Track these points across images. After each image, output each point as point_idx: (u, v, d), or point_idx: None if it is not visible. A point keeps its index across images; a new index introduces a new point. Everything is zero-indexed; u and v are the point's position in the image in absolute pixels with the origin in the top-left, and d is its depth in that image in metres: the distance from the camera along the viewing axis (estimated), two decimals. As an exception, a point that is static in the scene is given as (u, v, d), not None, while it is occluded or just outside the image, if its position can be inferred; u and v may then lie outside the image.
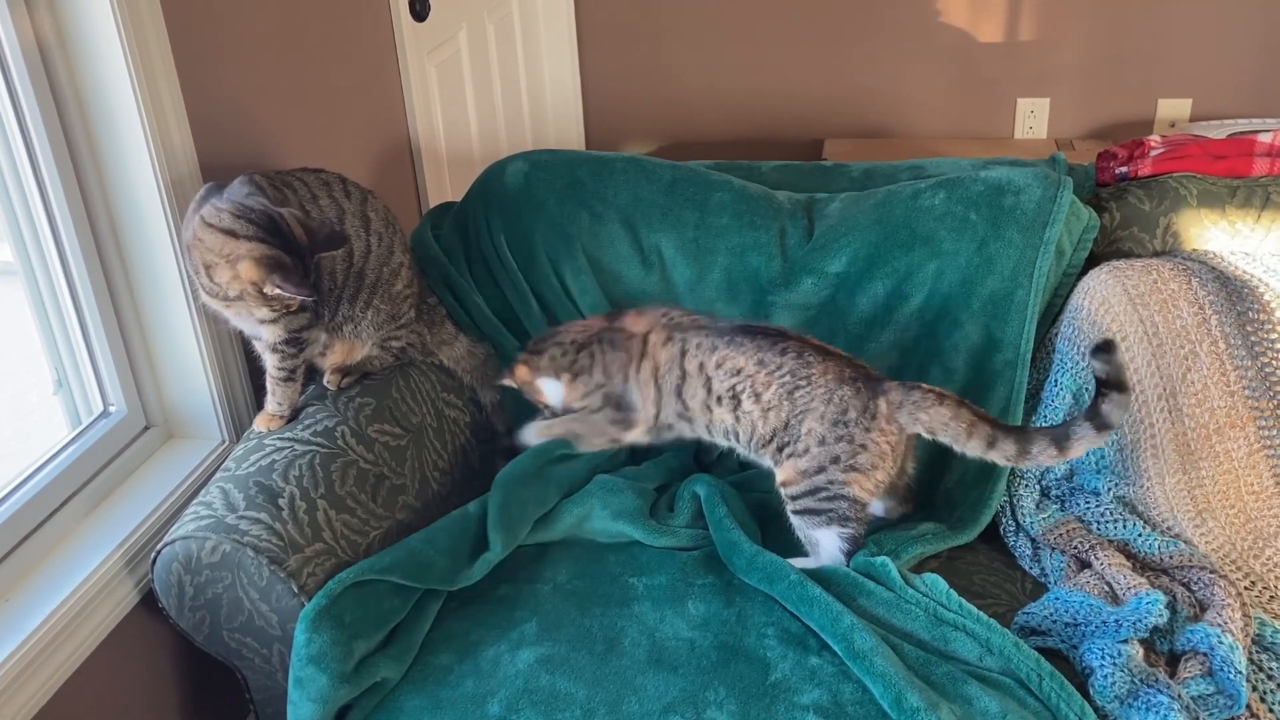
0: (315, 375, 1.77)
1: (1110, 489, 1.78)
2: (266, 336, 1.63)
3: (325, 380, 1.76)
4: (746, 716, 1.38)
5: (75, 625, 1.50)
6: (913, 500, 1.76)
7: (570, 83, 3.71)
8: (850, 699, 1.40)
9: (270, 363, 1.66)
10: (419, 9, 2.55)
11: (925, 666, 1.43)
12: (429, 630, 1.55)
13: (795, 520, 1.64)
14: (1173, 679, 1.44)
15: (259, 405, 1.73)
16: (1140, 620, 1.48)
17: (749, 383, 1.62)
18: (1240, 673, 1.42)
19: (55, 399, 1.72)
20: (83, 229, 1.65)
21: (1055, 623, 1.54)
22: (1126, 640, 1.47)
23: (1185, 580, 1.62)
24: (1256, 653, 1.51)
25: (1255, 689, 1.46)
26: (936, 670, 1.42)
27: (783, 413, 1.60)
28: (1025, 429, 1.54)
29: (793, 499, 1.63)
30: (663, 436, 1.78)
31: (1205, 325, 1.80)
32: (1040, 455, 1.51)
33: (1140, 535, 1.70)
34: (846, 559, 1.60)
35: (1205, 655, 1.46)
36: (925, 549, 1.70)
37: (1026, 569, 1.73)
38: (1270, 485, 1.74)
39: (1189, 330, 1.79)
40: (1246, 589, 1.65)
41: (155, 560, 1.49)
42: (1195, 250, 1.91)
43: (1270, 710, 1.44)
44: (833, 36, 3.55)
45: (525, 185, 2.03)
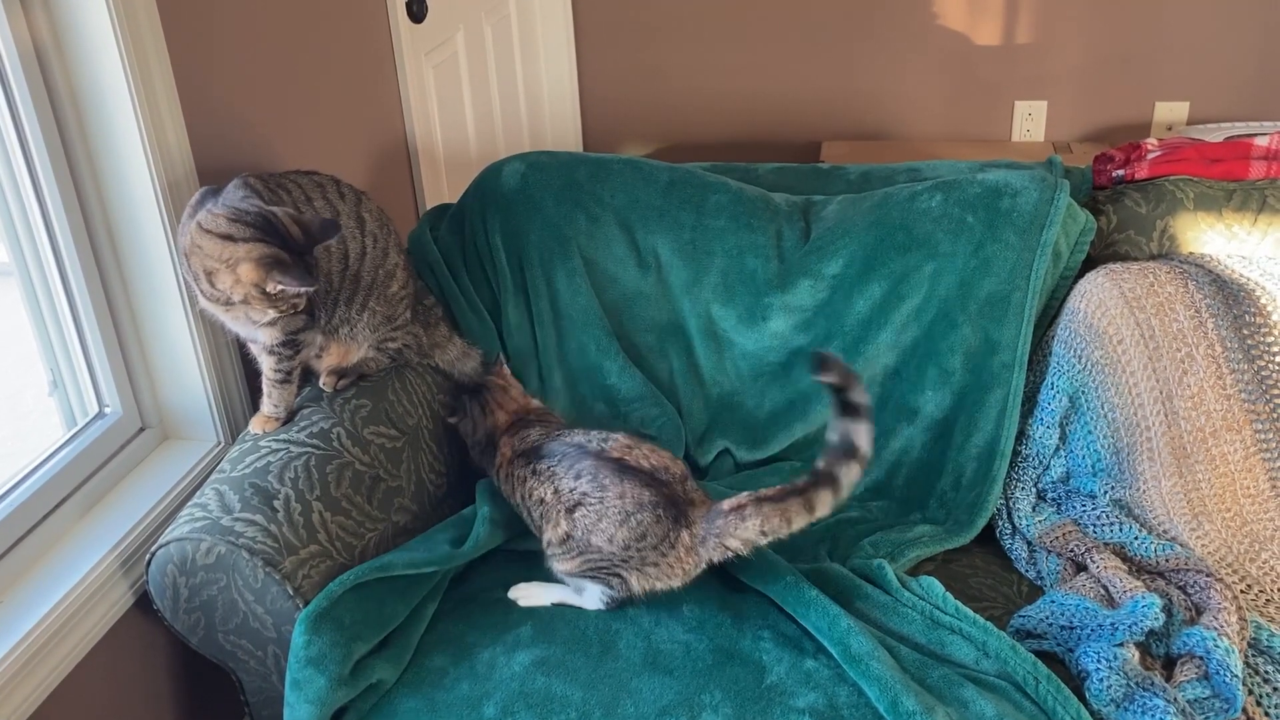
0: (310, 377, 1.77)
1: (1106, 492, 1.78)
2: (264, 339, 1.62)
3: (321, 382, 1.76)
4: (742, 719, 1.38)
5: (70, 627, 1.50)
6: None
7: (567, 84, 3.71)
8: (846, 702, 1.40)
9: (267, 365, 1.65)
10: (416, 10, 2.55)
11: (921, 669, 1.43)
12: (425, 632, 1.55)
13: (557, 568, 1.57)
14: (1169, 682, 1.44)
15: (254, 407, 1.72)
16: (1136, 623, 1.48)
17: (547, 506, 1.56)
18: (1236, 676, 1.42)
19: (51, 400, 1.71)
20: (78, 230, 1.65)
21: (1051, 626, 1.54)
22: (1122, 643, 1.47)
23: (1181, 584, 1.62)
24: (1252, 656, 1.51)
25: (1251, 693, 1.46)
26: (932, 673, 1.42)
27: (564, 528, 1.53)
28: (823, 470, 1.44)
29: (555, 559, 1.56)
30: None
31: (1202, 328, 1.80)
32: (848, 478, 1.43)
33: (1136, 538, 1.70)
34: (606, 608, 1.56)
35: (1201, 659, 1.46)
36: (921, 552, 1.71)
37: (1022, 572, 1.73)
38: (1266, 489, 1.74)
39: (1185, 333, 1.79)
40: (1242, 592, 1.65)
41: (150, 562, 1.49)
42: (1192, 253, 1.91)
43: (1266, 714, 1.44)
44: (830, 39, 3.55)
45: (522, 186, 2.03)
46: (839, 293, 1.92)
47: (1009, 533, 1.78)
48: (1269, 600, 1.65)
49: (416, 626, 1.55)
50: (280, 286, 1.49)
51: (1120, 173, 2.02)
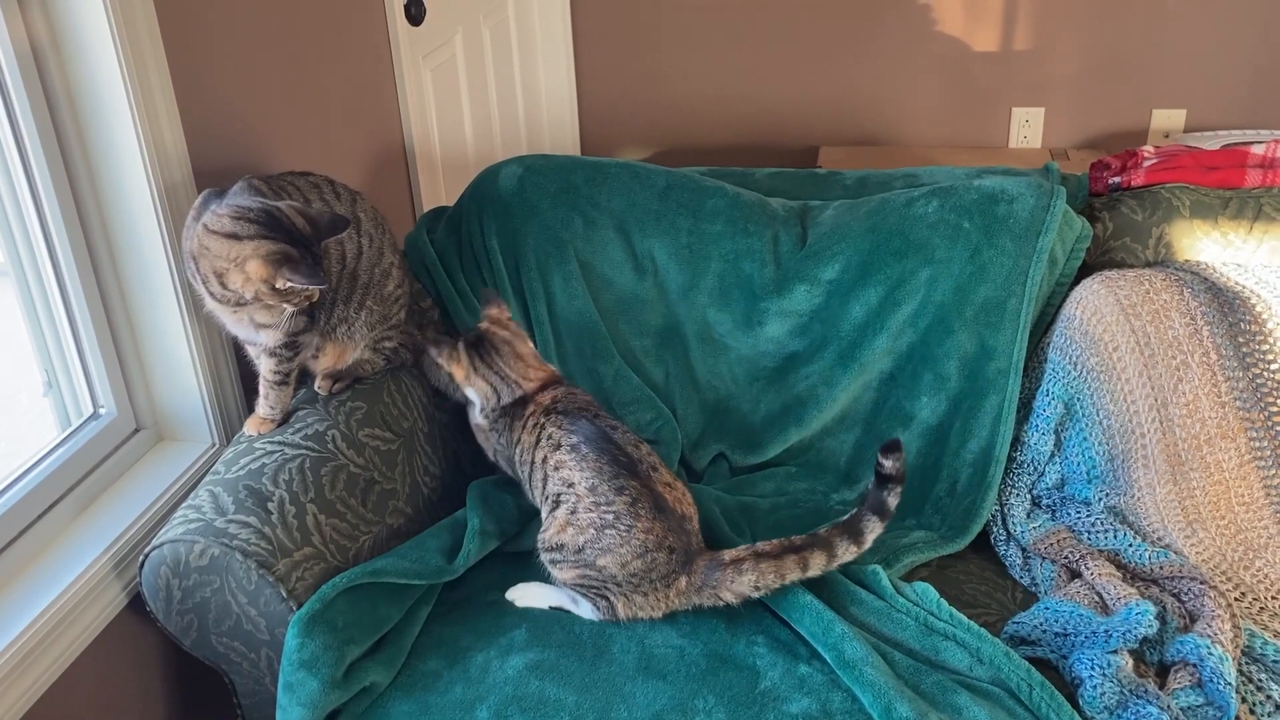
0: (305, 379, 1.77)
1: (1101, 499, 1.78)
2: (265, 341, 1.62)
3: (316, 385, 1.75)
4: (736, 725, 1.38)
5: (62, 628, 1.49)
6: None
7: (565, 88, 3.71)
8: (839, 708, 1.40)
9: (266, 367, 1.65)
10: (415, 13, 2.55)
11: (915, 675, 1.43)
12: (418, 635, 1.55)
13: (552, 571, 1.57)
14: (1162, 690, 1.44)
15: (249, 408, 1.72)
16: (1130, 631, 1.48)
17: (573, 498, 1.54)
18: (1230, 684, 1.42)
19: (45, 400, 1.71)
20: (74, 230, 1.64)
21: (1045, 633, 1.54)
22: (1116, 651, 1.47)
23: (1175, 591, 1.62)
24: (1246, 664, 1.51)
25: (1244, 700, 1.46)
26: (926, 679, 1.42)
27: (582, 539, 1.52)
28: (823, 536, 1.49)
29: (554, 564, 1.56)
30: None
31: (1197, 336, 1.80)
32: (844, 554, 1.49)
33: (1130, 545, 1.70)
34: (597, 618, 1.57)
35: (1195, 666, 1.46)
36: (916, 557, 1.71)
37: (1017, 578, 1.73)
38: (1260, 497, 1.74)
39: (1181, 341, 1.80)
40: (1236, 600, 1.65)
41: (144, 563, 1.49)
42: (1188, 261, 1.91)
43: (1259, 721, 1.45)
44: (827, 44, 3.55)
45: (519, 189, 2.03)
46: (835, 298, 1.92)
47: (1004, 539, 1.78)
48: (1262, 608, 1.65)
49: (410, 629, 1.54)
50: (290, 283, 1.49)
51: (1117, 180, 2.02)
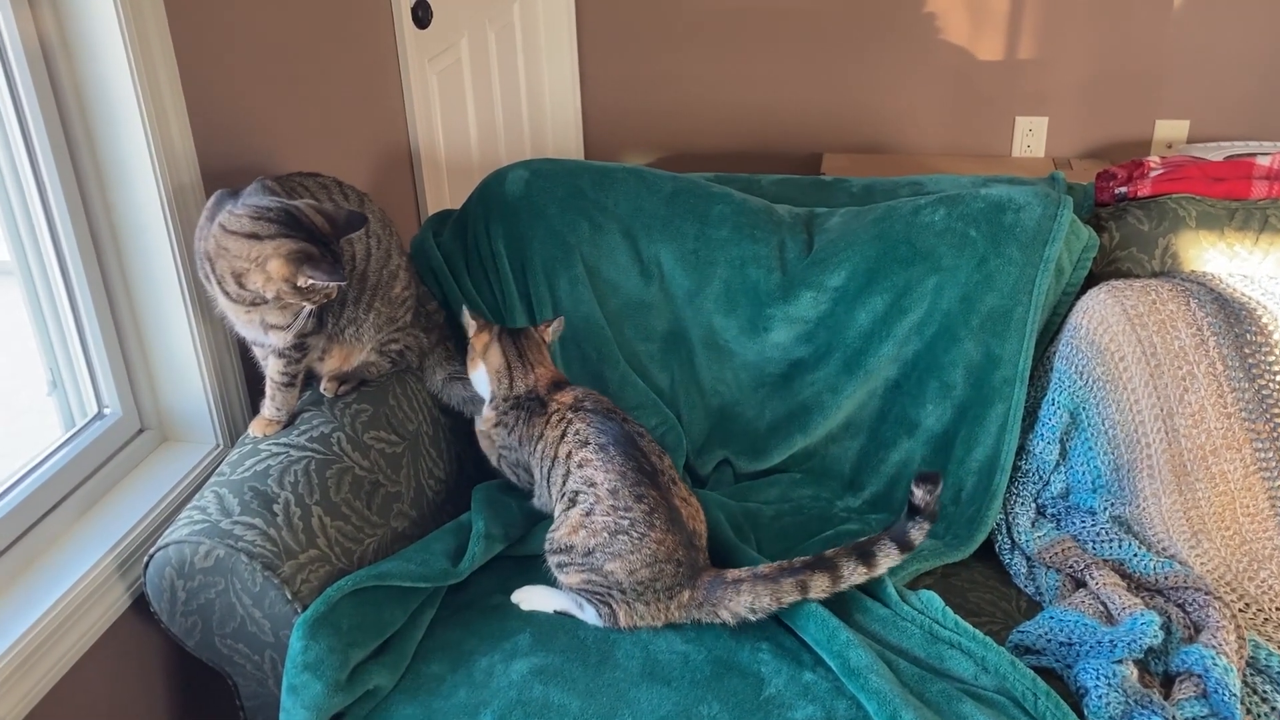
0: (311, 381, 1.77)
1: (1106, 508, 1.78)
2: (274, 342, 1.62)
3: (322, 387, 1.75)
4: (740, 731, 1.38)
5: (66, 629, 1.49)
6: None
7: (570, 92, 3.71)
8: (844, 715, 1.39)
9: (273, 368, 1.65)
10: (421, 16, 2.55)
11: (920, 684, 1.43)
12: (422, 639, 1.55)
13: (557, 575, 1.57)
14: (1167, 700, 1.44)
15: (255, 409, 1.72)
16: (1135, 641, 1.48)
17: (592, 497, 1.54)
18: (1234, 695, 1.42)
19: (50, 400, 1.71)
20: (81, 230, 1.64)
21: (1050, 642, 1.54)
22: (1121, 660, 1.47)
23: (1180, 601, 1.62)
24: (1250, 675, 1.51)
25: (1249, 712, 1.46)
26: (931, 688, 1.42)
27: (594, 541, 1.52)
28: (829, 558, 1.49)
29: (560, 567, 1.56)
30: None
31: (1203, 347, 1.80)
32: (852, 576, 1.48)
33: (1135, 555, 1.70)
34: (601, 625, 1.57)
35: (1200, 677, 1.46)
36: (921, 565, 1.71)
37: (1021, 587, 1.73)
38: (1266, 508, 1.74)
39: (1187, 351, 1.80)
40: (1241, 611, 1.65)
41: (148, 564, 1.49)
42: (1194, 271, 1.91)
43: (1264, 733, 1.44)
44: (832, 52, 3.56)
45: (526, 193, 2.03)
46: (841, 305, 1.92)
47: (1008, 548, 1.78)
48: (1267, 619, 1.65)
49: (414, 633, 1.54)
50: (311, 281, 1.48)
51: (1123, 190, 2.02)
